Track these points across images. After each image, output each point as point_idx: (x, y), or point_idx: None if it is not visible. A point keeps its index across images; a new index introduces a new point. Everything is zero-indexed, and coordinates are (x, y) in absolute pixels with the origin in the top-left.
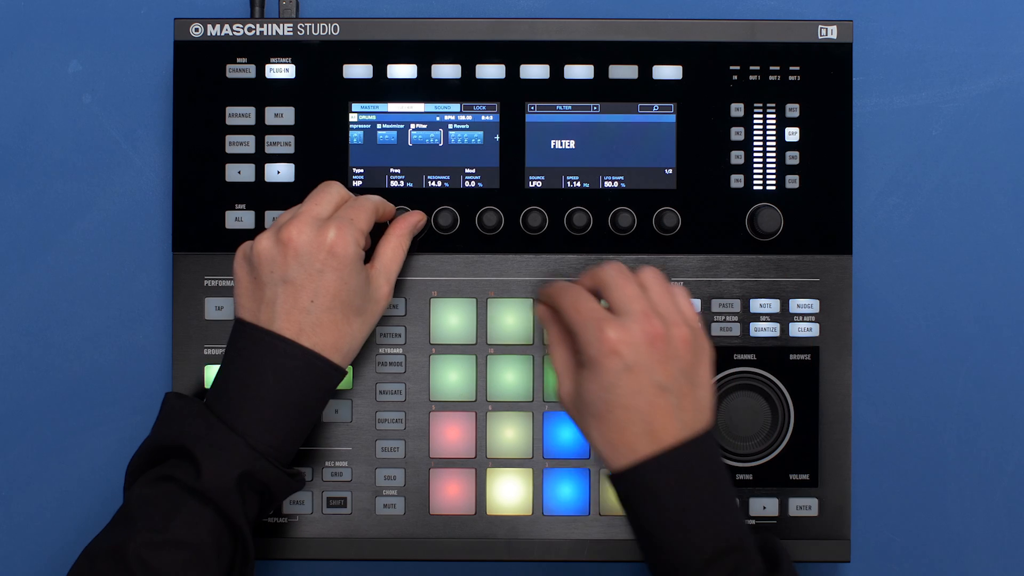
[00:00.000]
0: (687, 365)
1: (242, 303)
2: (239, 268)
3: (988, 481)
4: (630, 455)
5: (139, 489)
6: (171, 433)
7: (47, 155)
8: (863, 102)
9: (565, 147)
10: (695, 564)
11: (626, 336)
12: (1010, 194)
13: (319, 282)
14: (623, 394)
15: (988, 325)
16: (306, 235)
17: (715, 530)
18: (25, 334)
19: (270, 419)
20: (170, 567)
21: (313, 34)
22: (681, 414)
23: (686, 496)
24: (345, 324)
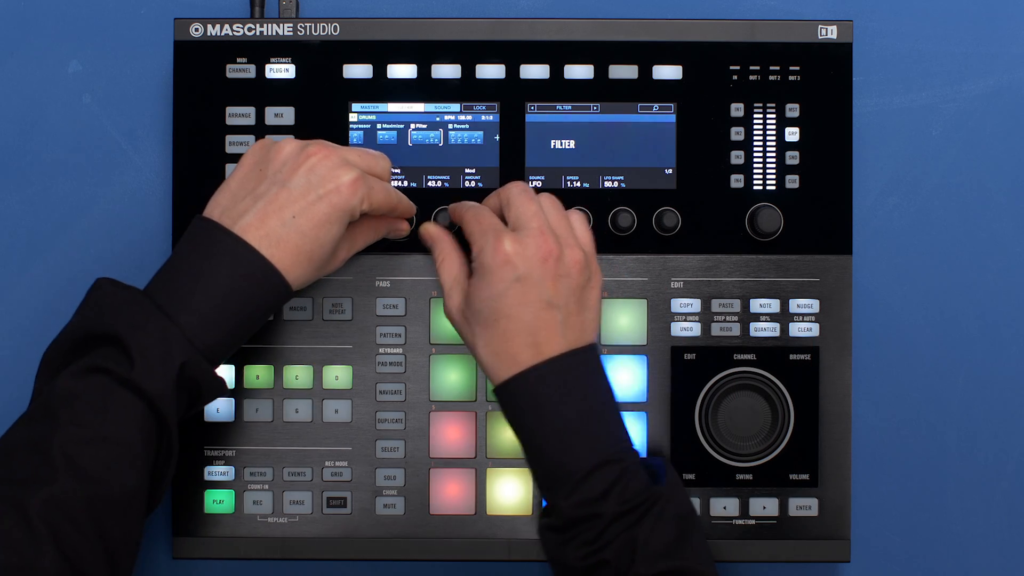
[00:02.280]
0: (577, 286)
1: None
2: (250, 155)
3: (988, 481)
4: (512, 366)
5: (64, 381)
6: (103, 320)
7: (47, 155)
8: (863, 102)
9: (565, 147)
10: (576, 474)
11: (521, 249)
12: (1010, 194)
13: (312, 206)
14: (511, 304)
15: (988, 325)
16: (330, 162)
17: (595, 442)
18: (25, 334)
19: (213, 319)
20: (97, 463)
21: (313, 34)
22: (566, 331)
23: (567, 406)
24: (305, 258)
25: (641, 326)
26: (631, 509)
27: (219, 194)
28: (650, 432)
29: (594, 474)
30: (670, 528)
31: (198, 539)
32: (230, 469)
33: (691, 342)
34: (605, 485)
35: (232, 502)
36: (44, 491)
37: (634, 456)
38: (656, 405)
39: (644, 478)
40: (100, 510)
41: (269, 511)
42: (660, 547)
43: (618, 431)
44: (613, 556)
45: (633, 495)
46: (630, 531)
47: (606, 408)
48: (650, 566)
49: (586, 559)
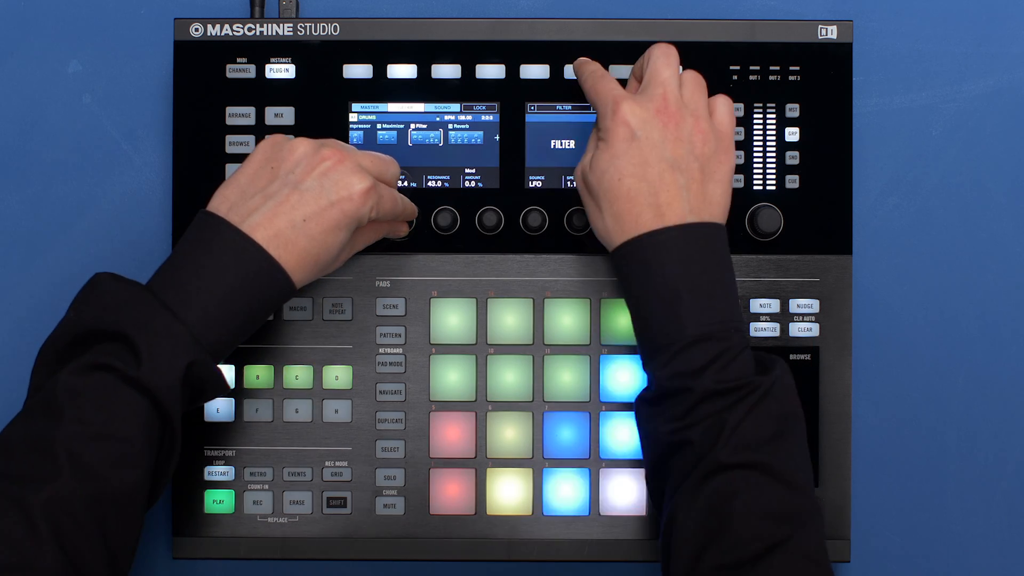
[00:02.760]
0: (700, 155)
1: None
2: (260, 151)
3: (988, 481)
4: (633, 227)
5: (67, 378)
6: (108, 317)
7: (47, 155)
8: (863, 102)
9: (565, 147)
10: (677, 344)
11: (638, 109)
12: (1010, 194)
13: (323, 211)
14: (631, 163)
15: (988, 325)
16: (344, 167)
17: (703, 316)
18: (25, 334)
19: (218, 317)
20: (100, 460)
21: (313, 34)
22: (688, 196)
23: (679, 276)
24: (311, 261)
25: None
26: (726, 391)
27: (227, 188)
28: None
29: (694, 346)
30: (765, 423)
31: (198, 539)
32: (230, 469)
33: None
34: (704, 360)
35: (232, 502)
36: (47, 489)
37: (743, 339)
38: None
39: (749, 365)
40: (102, 508)
41: (269, 511)
42: (748, 438)
43: (729, 312)
44: (698, 437)
45: (732, 377)
46: (720, 414)
47: (721, 287)
48: (732, 454)
49: (672, 435)
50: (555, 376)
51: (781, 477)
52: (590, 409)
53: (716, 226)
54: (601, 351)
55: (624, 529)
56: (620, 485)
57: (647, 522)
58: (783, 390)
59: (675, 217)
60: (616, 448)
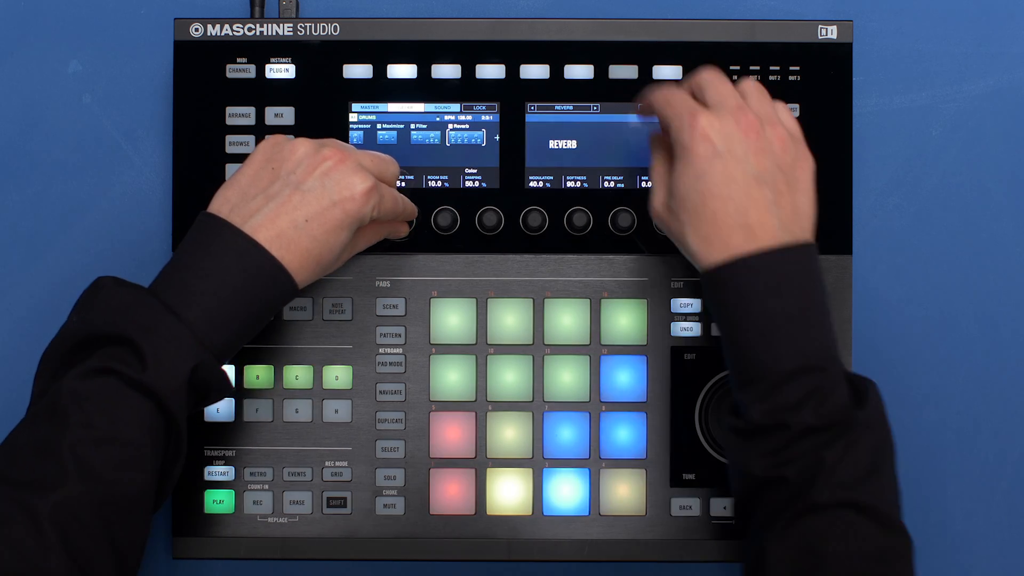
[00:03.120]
0: (784, 164)
1: (234, 185)
2: (261, 151)
3: (988, 481)
4: (723, 250)
5: (72, 382)
6: (112, 321)
7: (47, 155)
8: (863, 102)
9: (565, 147)
10: (773, 377)
11: (717, 123)
12: (1010, 194)
13: (325, 211)
14: (716, 182)
15: (988, 325)
16: (345, 167)
17: (799, 346)
18: (25, 334)
19: (222, 318)
20: (107, 464)
21: (313, 34)
22: (779, 212)
23: (775, 304)
24: (313, 261)
25: (641, 326)
26: (825, 427)
27: (228, 189)
28: (650, 432)
29: (792, 380)
30: (863, 457)
31: (198, 539)
32: (230, 469)
33: (691, 342)
34: (801, 394)
35: (232, 502)
36: (54, 494)
37: (839, 367)
38: (656, 405)
39: (845, 395)
40: (109, 512)
41: (269, 511)
42: (846, 476)
43: (825, 337)
44: (794, 474)
45: (830, 412)
46: (818, 452)
47: (816, 311)
48: (830, 493)
49: (767, 470)
50: (555, 376)
51: (876, 515)
52: (590, 409)
53: (809, 247)
54: (601, 351)
55: (624, 529)
56: (620, 485)
57: (647, 522)
58: (878, 419)
59: (767, 237)
60: (616, 448)
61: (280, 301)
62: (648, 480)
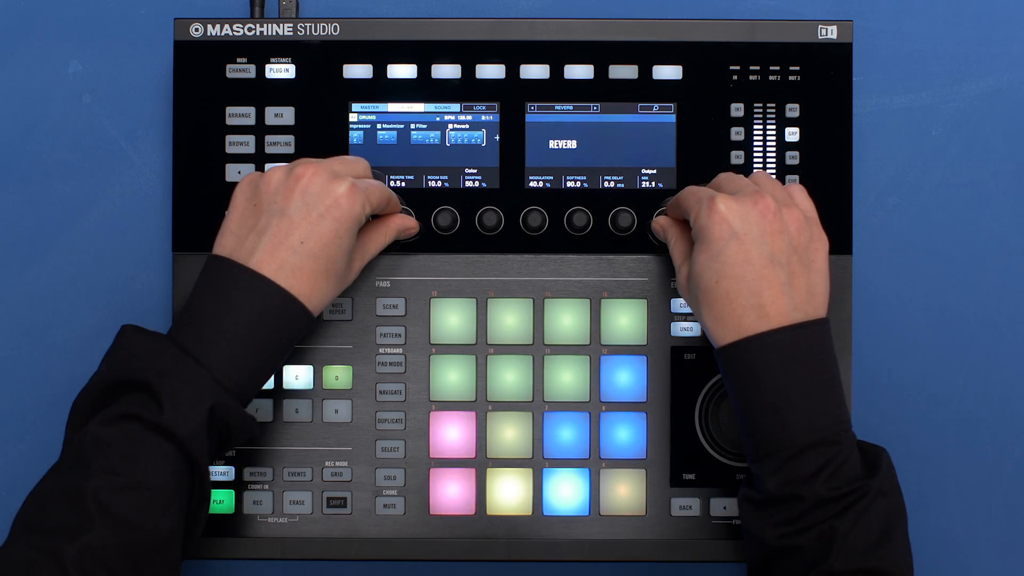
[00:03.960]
0: (799, 244)
1: (227, 232)
2: (240, 193)
3: (988, 481)
4: (736, 330)
5: (95, 429)
6: (131, 367)
7: (47, 155)
8: (863, 102)
9: (565, 147)
10: (787, 451)
11: (736, 206)
12: (1010, 194)
13: (316, 226)
14: (731, 263)
15: (988, 325)
16: (320, 178)
17: (813, 420)
18: (25, 334)
19: (239, 357)
20: (131, 510)
21: (313, 34)
22: (792, 293)
23: (787, 380)
24: (323, 278)
25: (641, 326)
26: (838, 497)
27: (221, 237)
28: (650, 432)
29: (806, 453)
30: (876, 524)
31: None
32: (230, 469)
33: (691, 342)
34: (815, 467)
35: (232, 502)
36: (80, 540)
37: (851, 438)
38: (656, 405)
39: (857, 465)
40: (136, 556)
41: (269, 511)
42: (861, 544)
43: (838, 410)
44: (809, 544)
45: (843, 482)
46: (832, 521)
47: (829, 388)
48: (846, 562)
49: (781, 539)
50: (555, 376)
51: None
52: (590, 409)
53: (821, 323)
54: (601, 351)
55: (624, 529)
56: (620, 485)
57: (647, 522)
58: (890, 485)
59: (780, 317)
60: (616, 448)
61: (297, 331)
62: (648, 480)
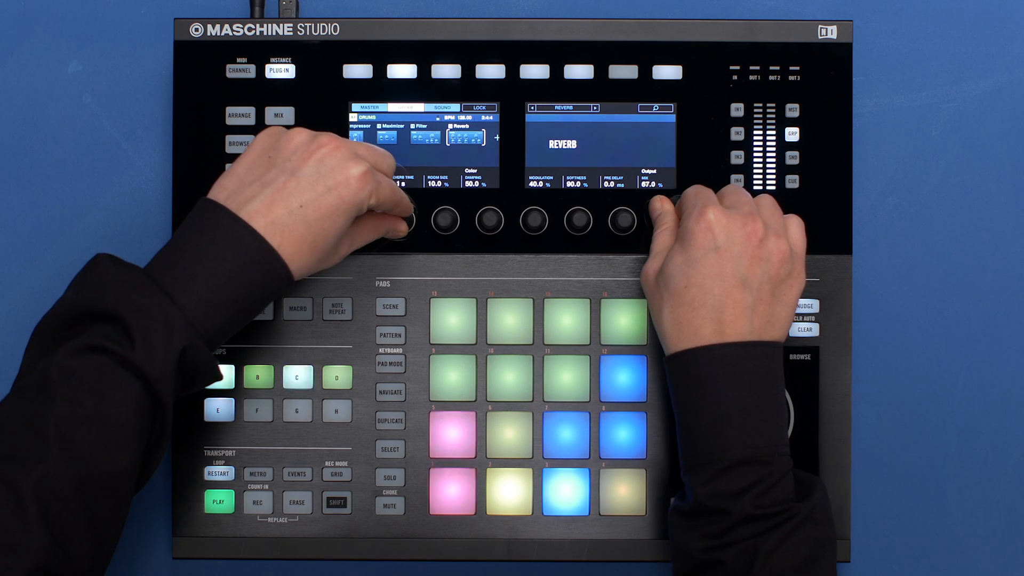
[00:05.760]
0: (775, 276)
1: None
2: (260, 141)
3: (988, 481)
4: (691, 338)
5: (62, 359)
6: (104, 298)
7: (47, 155)
8: (863, 102)
9: (565, 147)
10: (718, 464)
11: (725, 220)
12: (1010, 194)
13: (320, 196)
14: (704, 273)
15: (988, 325)
16: (340, 154)
17: (749, 439)
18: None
19: (214, 302)
20: (91, 443)
21: (313, 34)
22: (753, 317)
23: (731, 396)
24: (309, 248)
25: (641, 326)
26: (763, 516)
27: (225, 177)
28: (650, 432)
29: (737, 468)
30: (801, 549)
31: (198, 539)
32: (230, 469)
33: None
34: (745, 484)
35: (232, 502)
36: (37, 470)
37: (786, 463)
38: (656, 405)
39: (790, 489)
40: (91, 491)
41: (269, 511)
42: (783, 566)
43: (776, 435)
44: (731, 559)
45: (771, 503)
46: (755, 539)
47: (770, 409)
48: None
49: (705, 552)
50: (555, 376)
51: None
52: (590, 409)
53: (774, 345)
54: (601, 351)
55: (624, 529)
56: (620, 485)
57: (647, 522)
58: (821, 515)
59: (735, 336)
60: (616, 448)
61: (275, 290)
62: (648, 480)
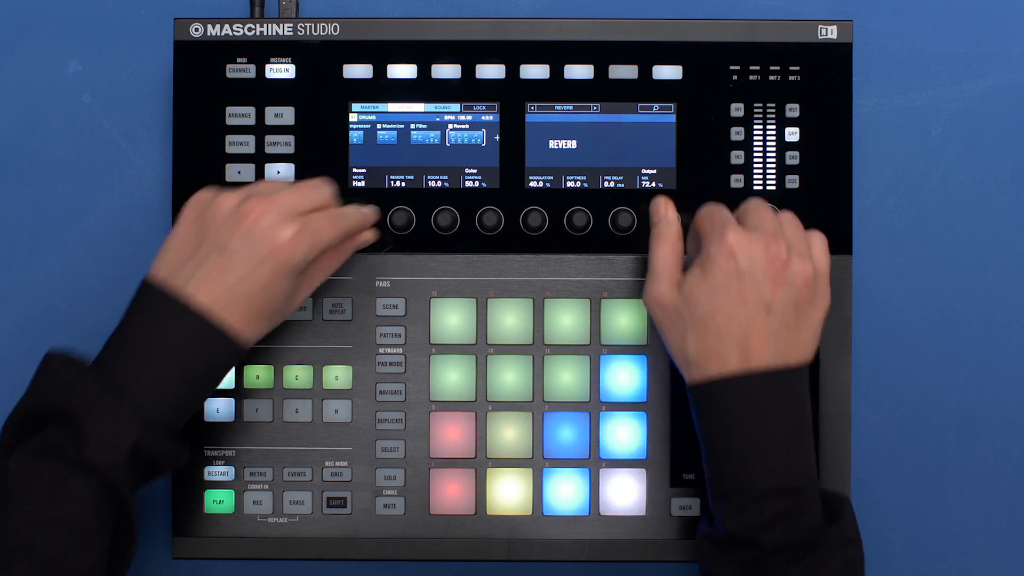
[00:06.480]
0: (800, 299)
1: (168, 250)
2: (189, 211)
3: (988, 481)
4: (719, 365)
5: (16, 462)
6: (55, 397)
7: (47, 155)
8: (863, 102)
9: (565, 147)
10: (748, 494)
11: (747, 244)
12: (1010, 194)
13: (255, 269)
14: (730, 300)
15: (988, 325)
16: (267, 220)
17: (778, 468)
18: (25, 334)
19: (165, 389)
20: (51, 547)
21: (313, 34)
22: (777, 342)
23: (758, 424)
24: (256, 317)
25: (641, 326)
26: (795, 546)
27: (162, 254)
28: (650, 432)
29: (768, 498)
30: (831, 572)
31: (198, 539)
32: (230, 469)
33: None
34: (775, 513)
35: (232, 502)
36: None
37: (814, 487)
38: (656, 405)
39: (818, 514)
40: None
41: (269, 511)
42: None
43: (804, 460)
44: None
45: (801, 532)
46: (787, 567)
47: (798, 434)
48: None
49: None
50: (555, 376)
51: None
52: (590, 409)
53: (799, 371)
54: (601, 351)
55: (624, 529)
56: (620, 485)
57: (647, 522)
58: (850, 535)
59: (760, 362)
60: (616, 448)
61: (227, 364)
62: (648, 480)
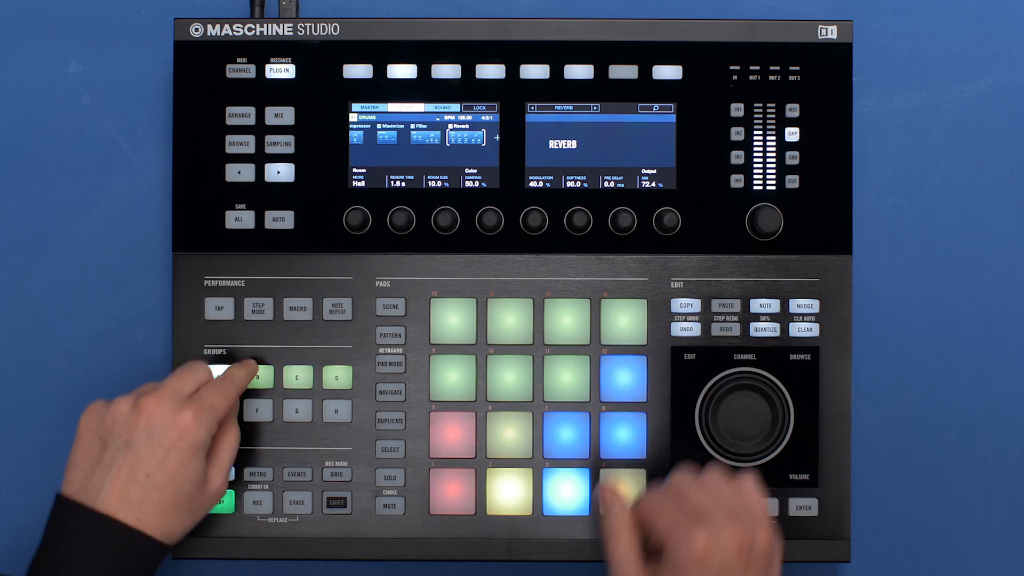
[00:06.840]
0: (763, 566)
1: (72, 467)
2: (84, 425)
3: (988, 481)
4: None
5: None
6: None
7: (47, 155)
8: (863, 102)
9: (565, 147)
10: None
11: (715, 544)
12: (1010, 194)
13: (162, 460)
14: None
15: (988, 325)
16: (164, 409)
17: None
18: (25, 334)
19: None
20: None
21: (313, 34)
22: None
23: None
24: (171, 508)
25: (641, 326)
26: None
27: (69, 472)
28: (650, 432)
29: None
30: None
31: (198, 539)
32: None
33: (691, 342)
34: None
35: (232, 502)
36: None
37: None
38: (656, 405)
39: None
40: None
41: (269, 511)
42: None
43: None
44: None
45: None
46: None
47: None
48: None
49: None
50: (555, 376)
51: None
52: (590, 409)
53: None
54: (601, 351)
55: None
56: (620, 485)
57: None
58: None
59: None
60: (616, 448)
61: (152, 562)
62: (648, 480)
